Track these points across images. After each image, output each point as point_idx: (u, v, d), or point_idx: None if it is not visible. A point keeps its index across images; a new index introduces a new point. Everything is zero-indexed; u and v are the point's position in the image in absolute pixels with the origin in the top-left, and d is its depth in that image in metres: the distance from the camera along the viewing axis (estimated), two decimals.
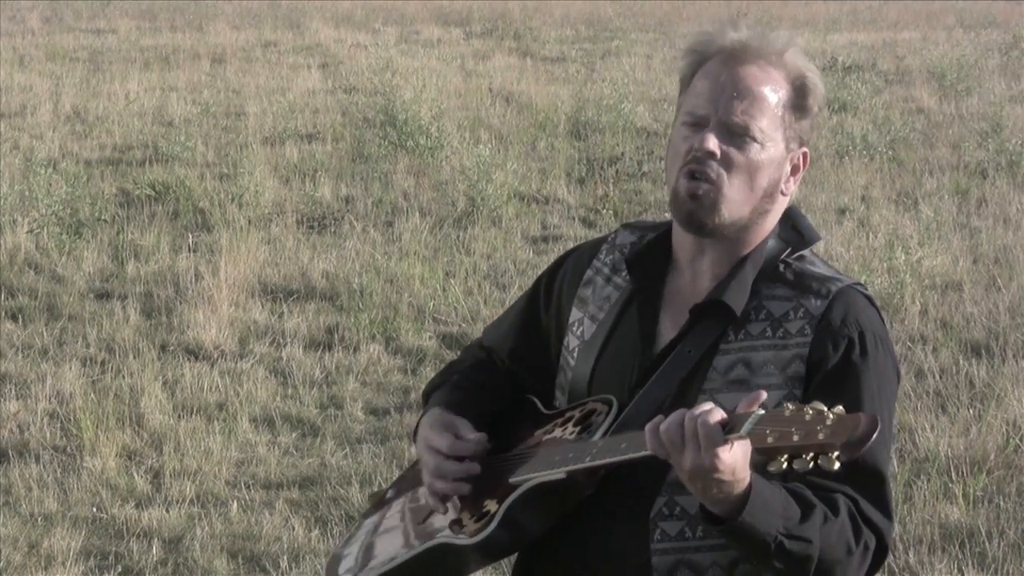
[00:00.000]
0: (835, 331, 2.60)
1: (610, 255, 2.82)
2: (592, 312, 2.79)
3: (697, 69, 2.68)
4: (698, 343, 2.64)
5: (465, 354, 3.06)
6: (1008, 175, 12.20)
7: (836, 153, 12.94)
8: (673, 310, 2.72)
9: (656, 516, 2.61)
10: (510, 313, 3.00)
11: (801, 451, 2.26)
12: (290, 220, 10.75)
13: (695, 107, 2.64)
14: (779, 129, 2.64)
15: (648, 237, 2.80)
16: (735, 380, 2.60)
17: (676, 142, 2.66)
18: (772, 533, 2.45)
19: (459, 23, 22.70)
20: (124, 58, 18.55)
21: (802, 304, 2.63)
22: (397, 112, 13.28)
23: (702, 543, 2.59)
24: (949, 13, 24.95)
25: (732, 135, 2.61)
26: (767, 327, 2.63)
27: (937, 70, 17.16)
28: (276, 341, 8.41)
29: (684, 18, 23.53)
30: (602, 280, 2.81)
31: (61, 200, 10.49)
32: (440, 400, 2.88)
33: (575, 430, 2.68)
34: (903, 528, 6.08)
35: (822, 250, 9.85)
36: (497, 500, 2.64)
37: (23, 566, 5.92)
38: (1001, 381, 7.57)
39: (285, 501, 6.47)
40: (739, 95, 2.62)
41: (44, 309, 8.91)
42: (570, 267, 2.88)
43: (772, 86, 2.64)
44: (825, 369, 2.59)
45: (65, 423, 7.23)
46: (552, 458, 2.62)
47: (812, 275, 2.67)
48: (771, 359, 2.60)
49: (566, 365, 2.80)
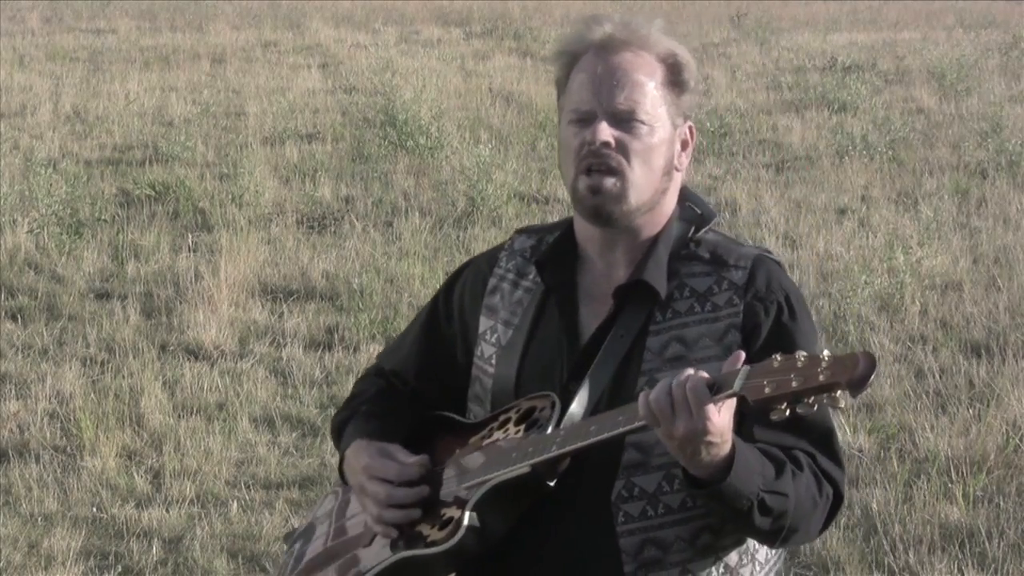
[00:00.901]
0: (763, 297, 2.71)
1: (511, 261, 2.87)
2: (504, 318, 2.82)
3: (571, 69, 2.75)
4: (628, 327, 2.71)
5: (364, 384, 3.05)
6: (1008, 175, 12.20)
7: (836, 153, 12.94)
8: (592, 302, 2.77)
9: (617, 499, 2.66)
10: (408, 336, 3.01)
11: (803, 395, 2.37)
12: (290, 220, 10.75)
13: (579, 104, 2.71)
14: (662, 107, 2.72)
15: (549, 237, 2.85)
16: (672, 358, 2.68)
17: (566, 141, 2.73)
18: (754, 491, 2.55)
19: (459, 23, 22.70)
20: (124, 58, 18.56)
21: (723, 277, 2.72)
22: (397, 112, 13.28)
23: (664, 519, 2.66)
24: (949, 13, 24.95)
25: (620, 122, 2.69)
26: (694, 303, 2.71)
27: (937, 70, 17.15)
28: (276, 341, 8.40)
29: (684, 18, 23.53)
30: (509, 286, 2.85)
31: (61, 200, 10.49)
32: (358, 432, 2.88)
33: (518, 429, 2.70)
34: (903, 528, 6.08)
35: (822, 249, 9.88)
36: (456, 506, 2.67)
37: (23, 566, 5.92)
38: (1001, 381, 7.56)
39: (285, 501, 6.46)
40: (619, 83, 2.69)
41: (44, 309, 8.91)
42: (468, 280, 2.91)
43: (647, 69, 2.72)
44: (761, 334, 2.69)
45: (65, 423, 7.23)
46: (508, 456, 2.65)
47: (724, 248, 2.77)
48: (705, 332, 2.69)
49: (482, 374, 2.83)
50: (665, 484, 2.65)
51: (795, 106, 15.53)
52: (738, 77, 17.50)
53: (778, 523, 2.59)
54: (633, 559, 2.66)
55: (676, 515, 2.66)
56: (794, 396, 2.37)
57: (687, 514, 2.66)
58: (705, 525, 2.67)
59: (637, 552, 2.66)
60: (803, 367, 2.38)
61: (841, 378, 2.34)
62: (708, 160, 12.88)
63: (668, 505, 2.65)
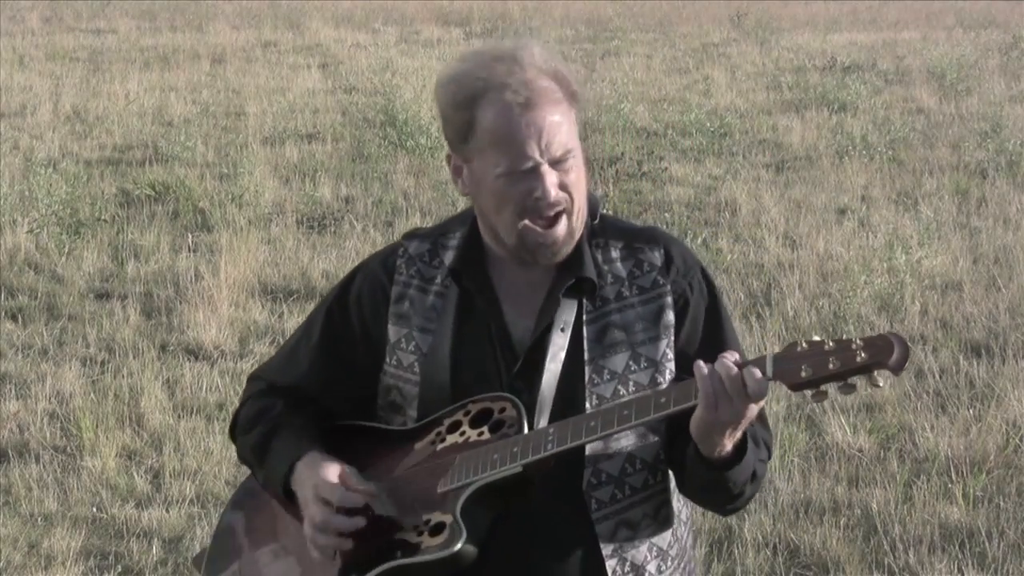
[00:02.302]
0: (684, 273, 2.83)
1: (412, 267, 2.87)
2: (419, 324, 2.83)
3: (473, 119, 2.71)
4: (566, 321, 2.77)
5: (264, 401, 2.98)
6: (1008, 175, 12.20)
7: (836, 153, 12.94)
8: (515, 300, 2.81)
9: (588, 487, 2.75)
10: (299, 351, 2.96)
11: (843, 376, 2.49)
12: (290, 220, 10.75)
13: (515, 161, 2.70)
14: (574, 128, 2.76)
15: (447, 240, 2.87)
16: (612, 344, 2.76)
17: (499, 192, 2.72)
18: (752, 460, 2.72)
19: (459, 23, 22.70)
20: (124, 58, 18.56)
21: (640, 259, 2.82)
22: (397, 112, 13.28)
23: (632, 499, 2.78)
24: (949, 13, 24.94)
25: (556, 163, 2.72)
26: (620, 288, 2.80)
27: (937, 70, 17.15)
28: (276, 341, 8.40)
29: (684, 18, 23.53)
30: (416, 292, 2.85)
31: (61, 200, 10.49)
32: (300, 443, 2.84)
33: (480, 431, 2.72)
34: (903, 528, 6.08)
35: (822, 249, 9.88)
36: (441, 511, 2.68)
37: (23, 566, 5.92)
38: (1001, 381, 7.57)
39: None
40: (548, 131, 2.69)
41: (44, 309, 8.91)
42: (365, 290, 2.89)
43: (554, 103, 2.72)
44: (692, 309, 2.82)
45: (65, 423, 7.23)
46: (488, 457, 2.68)
47: (627, 231, 2.87)
48: (640, 315, 2.79)
49: (401, 382, 2.83)
50: (628, 466, 2.77)
51: (795, 106, 15.53)
52: (738, 77, 17.50)
53: (753, 489, 2.77)
54: (609, 542, 2.76)
55: (640, 494, 2.79)
56: (833, 377, 2.48)
57: (649, 492, 2.80)
58: (664, 499, 2.82)
59: (612, 535, 2.76)
60: (835, 350, 2.49)
61: (882, 358, 2.45)
62: (708, 160, 12.88)
63: (633, 486, 2.77)
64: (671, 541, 2.84)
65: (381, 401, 2.87)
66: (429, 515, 2.70)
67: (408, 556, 2.68)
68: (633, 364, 2.76)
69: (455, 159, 2.79)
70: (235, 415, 3.02)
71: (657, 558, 2.82)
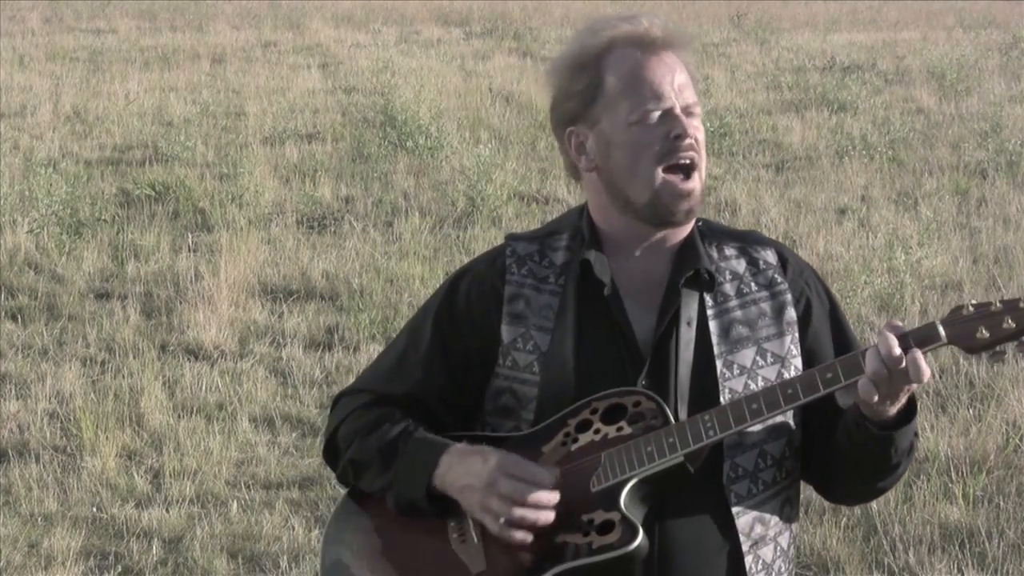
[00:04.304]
0: (800, 272, 2.83)
1: (523, 267, 2.81)
2: (537, 323, 2.77)
3: (599, 77, 2.73)
4: (690, 316, 2.74)
5: (379, 410, 2.84)
6: (1008, 175, 12.20)
7: (836, 153, 12.94)
8: (636, 294, 2.77)
9: (727, 481, 2.71)
10: (407, 359, 2.85)
11: (1019, 335, 2.53)
12: (290, 220, 10.75)
13: (651, 101, 2.71)
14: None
15: (553, 240, 2.83)
16: (738, 339, 2.74)
17: (636, 140, 2.72)
18: (915, 425, 2.71)
19: (459, 23, 22.70)
20: (124, 58, 18.56)
21: (755, 257, 2.82)
22: (397, 112, 13.29)
23: (764, 496, 2.74)
24: (949, 13, 24.93)
25: (688, 112, 2.75)
26: (740, 285, 2.78)
27: (937, 70, 17.15)
28: (276, 341, 8.41)
29: (684, 18, 23.52)
30: (531, 292, 2.79)
31: (61, 200, 10.49)
32: (434, 441, 2.74)
33: (619, 426, 2.67)
34: (903, 528, 6.08)
35: (822, 249, 9.88)
36: (603, 509, 2.62)
37: (23, 566, 5.92)
38: (1001, 381, 7.56)
39: (285, 501, 6.47)
40: (681, 77, 2.74)
41: (44, 309, 8.92)
42: (473, 292, 2.82)
43: (683, 47, 2.78)
44: (814, 311, 2.80)
45: (65, 423, 7.24)
46: (642, 451, 2.63)
47: (736, 232, 2.88)
48: (764, 311, 2.77)
49: (517, 383, 2.76)
50: (760, 461, 2.74)
51: (795, 106, 15.53)
52: (738, 77, 17.50)
53: (907, 464, 2.75)
54: (748, 537, 2.72)
55: (771, 489, 2.75)
56: (1011, 337, 2.52)
57: (777, 488, 2.76)
58: (787, 497, 2.79)
59: (750, 530, 2.73)
60: (1005, 310, 2.52)
61: None
62: (708, 160, 12.87)
63: (765, 481, 2.73)
64: (790, 542, 2.81)
65: (490, 407, 2.79)
66: (590, 515, 2.63)
67: (584, 557, 2.61)
68: (760, 359, 2.74)
69: (577, 135, 2.76)
70: (333, 431, 2.87)
71: (780, 557, 2.78)
